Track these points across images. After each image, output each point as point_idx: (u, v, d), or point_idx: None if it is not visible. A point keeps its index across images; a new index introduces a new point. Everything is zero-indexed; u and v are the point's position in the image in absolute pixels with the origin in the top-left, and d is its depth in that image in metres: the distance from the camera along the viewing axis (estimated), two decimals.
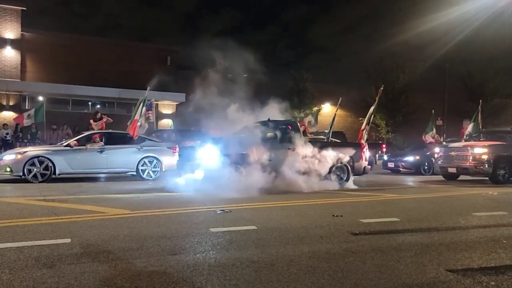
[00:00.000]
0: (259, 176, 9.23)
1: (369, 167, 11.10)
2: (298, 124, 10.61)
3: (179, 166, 9.99)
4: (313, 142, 10.11)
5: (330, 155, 10.04)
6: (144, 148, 11.73)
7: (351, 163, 10.44)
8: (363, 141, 11.06)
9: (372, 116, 11.72)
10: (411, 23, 25.32)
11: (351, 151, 10.61)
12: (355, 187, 10.18)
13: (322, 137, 14.26)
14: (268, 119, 10.29)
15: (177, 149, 11.64)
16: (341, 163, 10.28)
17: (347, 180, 10.33)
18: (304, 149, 9.78)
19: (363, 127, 11.50)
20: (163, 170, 11.68)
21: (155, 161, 11.70)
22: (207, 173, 8.84)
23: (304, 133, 14.04)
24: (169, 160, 11.66)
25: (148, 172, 11.59)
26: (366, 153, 10.89)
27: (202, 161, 8.96)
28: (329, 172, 10.00)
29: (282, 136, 9.68)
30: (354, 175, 10.63)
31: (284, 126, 10.06)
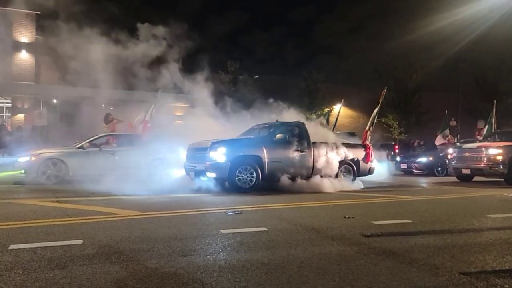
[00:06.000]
0: (269, 177, 9.26)
1: (374, 167, 11.14)
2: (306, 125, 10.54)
3: (186, 168, 9.95)
4: (320, 144, 10.08)
5: (337, 156, 10.14)
6: (155, 149, 11.78)
7: (357, 164, 10.55)
8: (367, 142, 11.08)
9: (376, 117, 11.81)
10: (421, 22, 25.04)
11: (356, 152, 10.68)
12: (361, 187, 10.24)
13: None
14: (277, 120, 10.31)
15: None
16: (347, 164, 10.37)
17: (354, 180, 10.44)
18: (312, 150, 9.83)
19: (367, 128, 11.59)
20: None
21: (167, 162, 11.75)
22: (217, 174, 8.85)
23: None
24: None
25: (160, 174, 11.64)
26: (371, 154, 10.95)
27: (211, 163, 8.95)
28: (336, 172, 10.09)
29: (290, 137, 9.69)
30: (360, 175, 10.70)
31: (292, 127, 10.06)
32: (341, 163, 10.25)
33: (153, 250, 3.78)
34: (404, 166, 16.76)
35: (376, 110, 11.92)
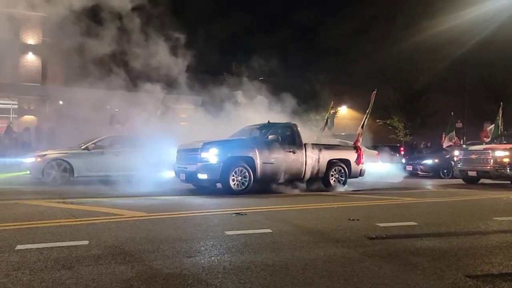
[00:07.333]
0: (262, 179, 9.19)
1: (365, 169, 11.03)
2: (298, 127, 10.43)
3: (176, 170, 9.80)
4: (312, 145, 10.05)
5: (328, 158, 10.11)
6: (159, 150, 11.79)
7: (348, 166, 10.45)
8: (359, 144, 10.99)
9: (367, 119, 11.76)
10: (427, 23, 24.88)
11: (348, 154, 10.61)
12: (352, 189, 10.31)
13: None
14: (268, 121, 10.22)
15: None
16: (338, 165, 10.29)
17: (345, 182, 10.38)
18: (304, 151, 9.77)
19: (358, 130, 11.51)
20: None
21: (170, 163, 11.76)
22: (208, 176, 8.76)
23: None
24: None
25: (164, 175, 11.65)
26: (363, 156, 10.86)
27: (203, 164, 8.81)
28: (327, 174, 10.07)
29: (282, 138, 9.63)
30: (351, 177, 10.61)
31: (284, 128, 10.01)
32: (333, 164, 10.19)
33: (158, 251, 3.79)
34: (409, 168, 16.69)
35: (367, 111, 11.91)
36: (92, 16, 13.82)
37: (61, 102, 21.69)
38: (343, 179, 10.35)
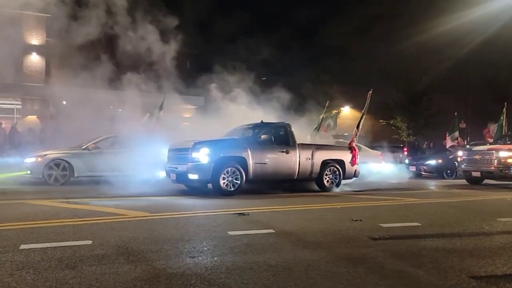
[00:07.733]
0: (254, 180, 9.10)
1: (360, 170, 10.86)
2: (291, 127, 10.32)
3: (167, 170, 9.66)
4: (305, 145, 9.99)
5: (323, 158, 9.98)
6: (160, 150, 11.77)
7: (343, 166, 10.28)
8: (354, 145, 10.89)
9: (362, 120, 11.71)
10: (431, 23, 24.75)
11: (342, 154, 10.47)
12: (354, 189, 10.30)
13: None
14: (261, 121, 10.16)
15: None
16: (333, 166, 10.14)
17: (339, 183, 10.23)
18: (297, 152, 9.65)
19: (354, 131, 11.45)
20: None
21: None
22: (199, 176, 8.63)
23: None
24: None
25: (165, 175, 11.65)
26: (357, 156, 10.70)
27: (193, 164, 8.65)
28: (321, 174, 9.94)
29: (275, 138, 9.51)
30: (345, 178, 10.45)
31: (277, 128, 9.90)
32: (327, 165, 10.03)
33: (161, 251, 3.80)
34: (413, 168, 16.62)
35: (362, 111, 11.88)
36: (93, 15, 13.84)
37: (64, 102, 21.75)
38: (337, 180, 10.17)
